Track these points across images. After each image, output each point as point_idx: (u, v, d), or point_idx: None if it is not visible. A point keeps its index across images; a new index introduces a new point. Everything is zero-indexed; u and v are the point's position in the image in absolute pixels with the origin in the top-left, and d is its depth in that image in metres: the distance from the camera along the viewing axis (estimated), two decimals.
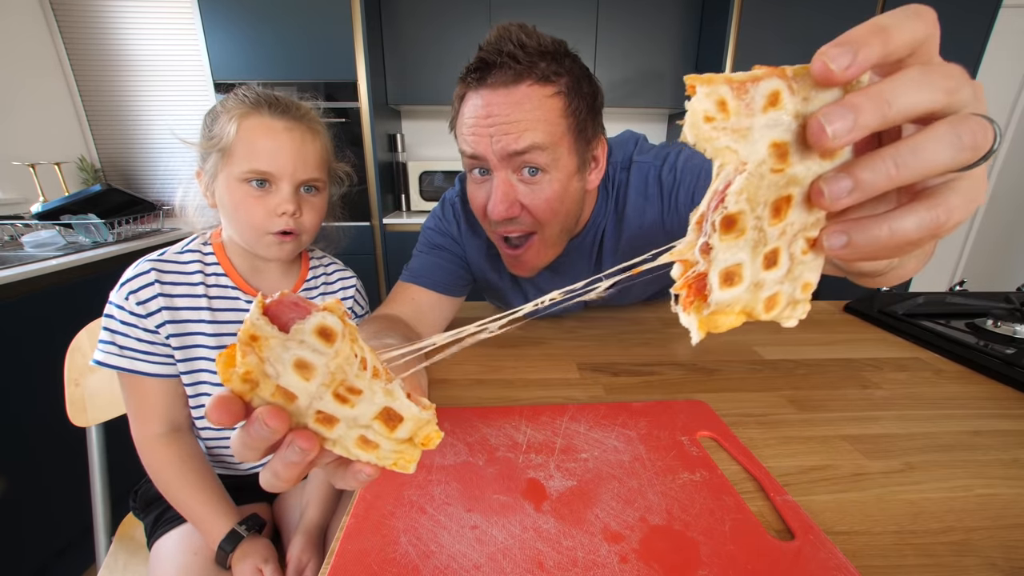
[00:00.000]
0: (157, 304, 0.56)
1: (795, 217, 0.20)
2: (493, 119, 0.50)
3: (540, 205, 0.55)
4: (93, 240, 1.41)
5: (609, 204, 0.66)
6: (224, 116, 0.55)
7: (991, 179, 2.56)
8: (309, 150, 0.57)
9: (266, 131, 0.55)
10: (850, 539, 0.32)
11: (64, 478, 1.14)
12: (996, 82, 2.34)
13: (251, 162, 0.54)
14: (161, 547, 0.58)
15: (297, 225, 0.58)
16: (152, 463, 0.57)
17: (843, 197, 0.18)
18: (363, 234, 2.00)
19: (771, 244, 0.20)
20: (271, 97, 0.57)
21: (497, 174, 0.54)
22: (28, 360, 1.09)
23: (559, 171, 0.54)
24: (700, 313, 0.21)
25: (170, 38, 2.02)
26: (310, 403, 0.20)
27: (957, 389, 0.54)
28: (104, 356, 0.55)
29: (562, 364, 0.60)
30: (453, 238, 0.71)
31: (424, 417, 0.22)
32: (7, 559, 1.04)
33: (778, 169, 0.19)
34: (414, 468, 0.23)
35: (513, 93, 0.50)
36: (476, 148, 0.53)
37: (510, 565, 0.29)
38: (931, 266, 2.71)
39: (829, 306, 0.85)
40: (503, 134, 0.50)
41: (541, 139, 0.51)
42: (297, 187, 0.57)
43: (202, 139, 0.57)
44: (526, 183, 0.54)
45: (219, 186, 0.57)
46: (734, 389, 0.54)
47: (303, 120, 0.57)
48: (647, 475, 0.37)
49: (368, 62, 1.82)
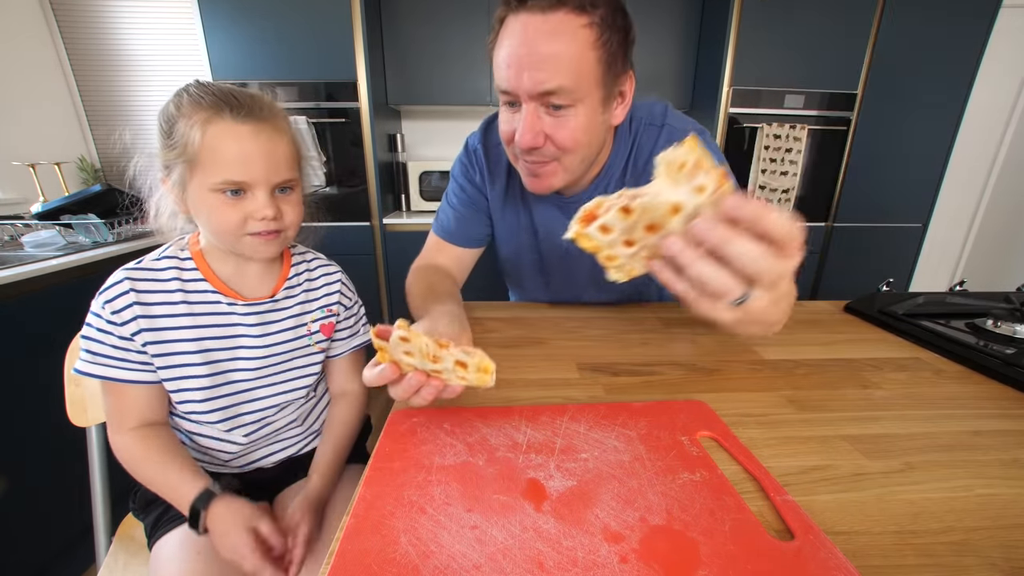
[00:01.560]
0: (131, 313, 0.55)
1: (655, 239, 0.35)
2: (526, 52, 0.52)
3: (565, 137, 0.58)
4: (93, 240, 1.41)
5: (628, 159, 0.69)
6: (183, 122, 0.53)
7: (991, 180, 2.56)
8: (279, 152, 0.56)
9: (233, 138, 0.53)
10: (850, 539, 0.32)
11: (64, 478, 1.14)
12: (996, 82, 2.34)
13: (222, 173, 0.53)
14: (162, 548, 0.57)
15: (279, 225, 0.58)
16: (124, 451, 0.57)
17: (673, 253, 0.33)
18: (363, 234, 2.00)
19: (635, 236, 0.36)
20: (230, 97, 0.54)
21: (526, 106, 0.56)
22: (28, 360, 1.08)
23: (585, 105, 0.56)
24: (580, 228, 0.36)
25: (170, 38, 2.03)
26: (420, 366, 0.41)
27: (957, 389, 0.54)
28: (83, 365, 0.55)
29: (562, 364, 0.60)
30: (477, 187, 0.80)
31: (476, 359, 0.42)
32: (7, 559, 1.04)
33: (673, 212, 0.33)
34: (492, 381, 0.42)
35: (550, 19, 0.51)
36: (508, 84, 0.56)
37: (510, 565, 0.29)
38: (931, 266, 2.71)
39: (829, 306, 0.85)
40: (535, 70, 0.52)
41: (569, 81, 0.53)
42: (272, 190, 0.56)
43: (162, 147, 0.55)
44: (552, 116, 0.57)
45: (190, 196, 0.56)
46: (734, 389, 0.54)
47: (269, 120, 0.55)
48: (647, 475, 0.37)
49: (368, 62, 1.82)
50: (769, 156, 1.97)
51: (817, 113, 1.98)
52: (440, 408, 0.48)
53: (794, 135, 1.95)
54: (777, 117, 1.96)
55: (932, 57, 1.90)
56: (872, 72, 1.91)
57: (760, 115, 1.96)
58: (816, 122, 1.98)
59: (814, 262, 2.19)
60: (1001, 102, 2.43)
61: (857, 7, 1.85)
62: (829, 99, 1.96)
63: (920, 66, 1.91)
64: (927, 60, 1.90)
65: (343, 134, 1.93)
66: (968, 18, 1.86)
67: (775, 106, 1.96)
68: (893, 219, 2.13)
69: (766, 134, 1.95)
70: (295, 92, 1.85)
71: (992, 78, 2.25)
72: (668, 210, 0.33)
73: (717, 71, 1.94)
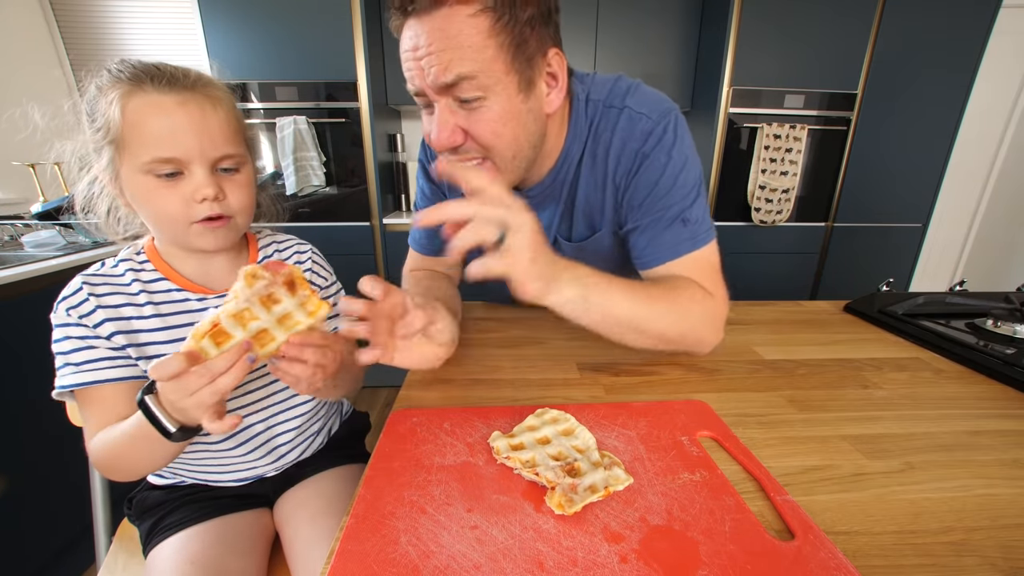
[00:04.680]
0: (101, 315, 0.51)
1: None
2: (420, 51, 0.49)
3: (483, 131, 0.54)
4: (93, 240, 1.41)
5: (585, 144, 0.64)
6: (103, 99, 0.48)
7: (991, 180, 2.56)
8: (212, 122, 0.51)
9: (156, 110, 0.48)
10: (850, 539, 0.32)
11: (64, 478, 1.14)
12: (996, 82, 2.34)
13: (149, 150, 0.48)
14: (157, 556, 0.55)
15: (224, 208, 0.52)
16: (98, 451, 0.52)
17: None
18: (363, 234, 2.00)
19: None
20: (150, 68, 0.49)
21: (437, 103, 0.53)
22: (28, 360, 1.08)
23: (497, 94, 0.52)
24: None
25: (170, 38, 2.03)
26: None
27: (957, 389, 0.54)
28: (67, 379, 0.50)
29: (562, 364, 0.60)
30: (438, 185, 0.76)
31: (296, 299, 0.43)
32: (7, 559, 1.04)
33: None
34: (325, 309, 0.43)
35: (435, 18, 0.48)
36: (414, 83, 0.52)
37: (510, 565, 0.29)
38: (931, 266, 2.71)
39: (829, 306, 0.85)
40: (431, 66, 0.50)
41: (467, 68, 0.49)
42: (212, 167, 0.51)
43: (88, 130, 0.50)
44: (465, 109, 0.53)
45: (125, 184, 0.51)
46: (734, 389, 0.54)
47: (196, 89, 0.50)
48: (647, 475, 0.37)
49: (368, 62, 1.82)
50: (769, 156, 1.97)
51: (817, 113, 1.97)
52: (440, 408, 0.48)
53: (794, 135, 1.95)
54: (777, 117, 1.96)
55: (932, 57, 1.89)
56: (872, 72, 1.91)
57: (760, 115, 1.96)
58: (816, 122, 1.98)
59: (814, 262, 2.19)
60: (1001, 102, 2.43)
61: (857, 7, 1.85)
62: (829, 99, 1.96)
63: (920, 66, 1.91)
64: (927, 60, 1.90)
65: (343, 134, 1.93)
66: (968, 18, 1.86)
67: (775, 106, 1.96)
68: (893, 219, 2.13)
69: (766, 134, 1.95)
70: (295, 92, 1.85)
71: (992, 78, 2.25)
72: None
73: (717, 71, 1.94)
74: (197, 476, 0.62)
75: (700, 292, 0.58)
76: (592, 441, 0.40)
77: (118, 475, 0.54)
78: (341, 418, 0.76)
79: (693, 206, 0.60)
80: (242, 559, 0.56)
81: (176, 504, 0.60)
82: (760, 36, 1.88)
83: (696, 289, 0.58)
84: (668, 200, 0.60)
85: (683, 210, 0.60)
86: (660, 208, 0.60)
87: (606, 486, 0.34)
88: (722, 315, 0.60)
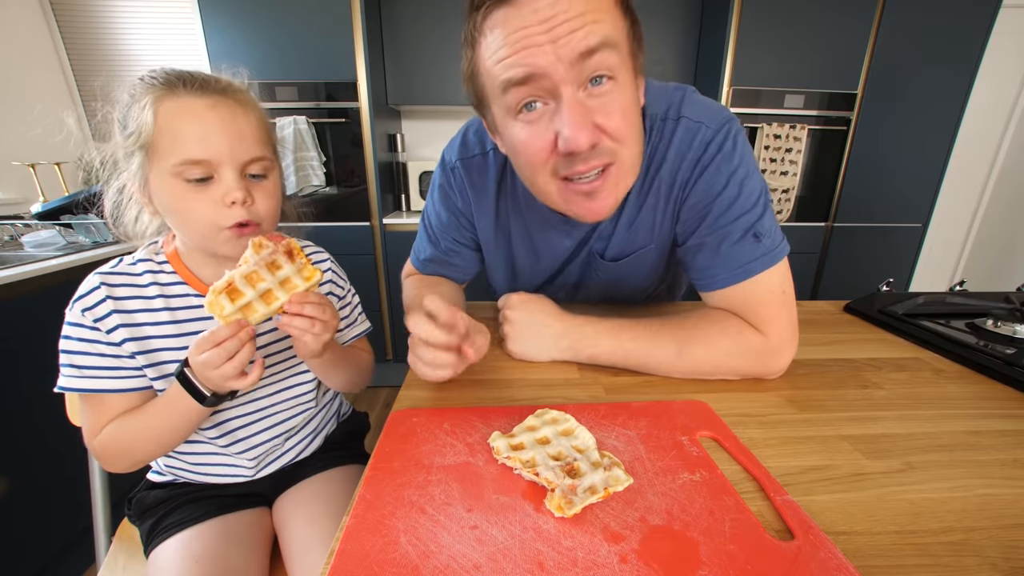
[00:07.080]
0: (114, 321, 0.51)
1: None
2: (550, 22, 0.42)
3: (617, 119, 0.46)
4: (93, 240, 1.41)
5: (648, 162, 0.58)
6: (136, 106, 0.49)
7: (991, 180, 2.56)
8: (243, 125, 0.51)
9: (188, 113, 0.49)
10: (850, 539, 0.32)
11: (64, 478, 1.14)
12: (996, 82, 2.34)
13: (180, 152, 0.48)
14: (159, 555, 0.55)
15: (252, 214, 0.52)
16: (105, 445, 0.53)
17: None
18: (363, 234, 2.00)
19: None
20: (184, 74, 0.50)
21: (564, 90, 0.44)
22: (28, 360, 1.08)
23: (623, 75, 0.46)
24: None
25: (170, 38, 2.03)
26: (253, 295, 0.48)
27: (957, 389, 0.54)
28: (68, 380, 0.50)
29: (562, 364, 0.60)
30: (458, 214, 0.73)
31: (295, 265, 0.49)
32: (7, 559, 1.04)
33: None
34: (319, 275, 0.50)
35: None
36: (535, 62, 0.43)
37: (510, 565, 0.29)
38: (931, 266, 2.71)
39: (829, 306, 0.85)
40: (569, 32, 0.42)
41: (611, 32, 0.43)
42: (241, 171, 0.51)
43: (120, 137, 0.51)
44: (595, 97, 0.45)
45: (153, 188, 0.51)
46: (734, 389, 0.54)
47: (227, 94, 0.51)
48: (647, 475, 0.37)
49: (368, 62, 1.82)
50: (769, 156, 1.97)
51: (817, 113, 1.98)
52: (440, 408, 0.48)
53: (794, 135, 1.95)
54: (777, 117, 1.96)
55: (932, 57, 1.90)
56: (872, 72, 1.91)
57: (760, 115, 1.96)
58: (816, 122, 1.98)
59: (814, 262, 2.19)
60: (1001, 102, 2.43)
61: (857, 7, 1.85)
62: (829, 99, 1.96)
63: (920, 66, 1.91)
64: (927, 60, 1.90)
65: (343, 134, 1.93)
66: (968, 18, 1.86)
67: (775, 106, 1.96)
68: (893, 219, 2.13)
69: (766, 134, 1.95)
70: (295, 92, 1.85)
71: (992, 78, 2.25)
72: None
73: (717, 71, 1.94)
74: (195, 475, 0.62)
75: (735, 326, 0.55)
76: (592, 441, 0.40)
77: (126, 460, 0.54)
78: (340, 418, 0.76)
79: (763, 218, 0.55)
80: (245, 556, 0.57)
81: (176, 504, 0.60)
82: (760, 36, 1.88)
83: (731, 323, 0.55)
84: (732, 212, 0.55)
85: (752, 223, 0.54)
86: (725, 221, 0.55)
87: (606, 487, 0.34)
88: (771, 348, 0.54)
